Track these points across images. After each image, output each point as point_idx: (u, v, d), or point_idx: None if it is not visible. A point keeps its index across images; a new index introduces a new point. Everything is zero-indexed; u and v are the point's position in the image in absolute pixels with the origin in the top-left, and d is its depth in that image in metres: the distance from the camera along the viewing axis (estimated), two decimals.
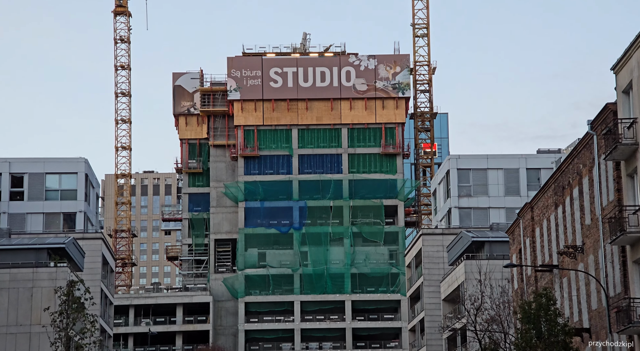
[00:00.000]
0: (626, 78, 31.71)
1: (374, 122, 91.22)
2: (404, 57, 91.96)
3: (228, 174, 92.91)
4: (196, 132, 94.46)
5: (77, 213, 69.25)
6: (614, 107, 32.61)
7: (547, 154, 74.48)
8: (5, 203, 67.15)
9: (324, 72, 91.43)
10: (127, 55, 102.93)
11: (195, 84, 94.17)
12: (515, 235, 47.16)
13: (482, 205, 75.01)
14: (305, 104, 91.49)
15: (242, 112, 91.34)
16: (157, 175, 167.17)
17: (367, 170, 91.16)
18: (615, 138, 31.31)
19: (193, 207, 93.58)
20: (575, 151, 37.22)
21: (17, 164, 68.09)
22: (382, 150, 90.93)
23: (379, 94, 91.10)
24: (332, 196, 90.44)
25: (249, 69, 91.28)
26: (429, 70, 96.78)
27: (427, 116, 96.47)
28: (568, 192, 38.30)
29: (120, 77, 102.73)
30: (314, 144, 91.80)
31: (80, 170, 68.85)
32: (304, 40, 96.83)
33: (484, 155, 75.73)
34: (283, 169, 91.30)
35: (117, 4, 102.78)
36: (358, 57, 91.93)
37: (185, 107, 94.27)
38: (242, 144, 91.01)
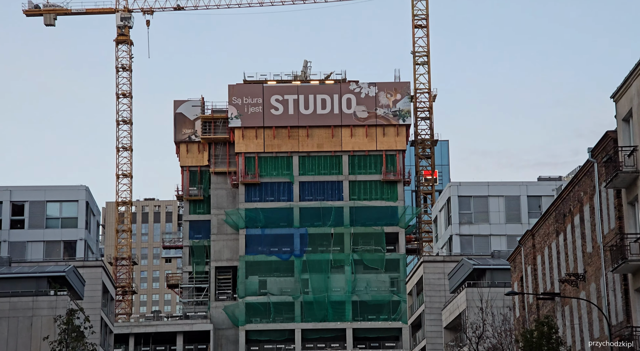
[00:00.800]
0: (626, 106, 31.80)
1: (374, 149, 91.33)
2: (405, 84, 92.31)
3: (229, 202, 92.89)
4: (197, 159, 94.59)
5: (77, 240, 69.16)
6: (614, 135, 32.68)
7: (548, 182, 74.52)
8: (6, 231, 67.12)
9: (325, 100, 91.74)
10: (128, 83, 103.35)
11: (197, 111, 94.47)
12: (516, 263, 47.03)
13: (483, 232, 74.91)
14: (306, 131, 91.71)
15: (243, 140, 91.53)
16: (157, 202, 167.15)
17: (368, 197, 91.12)
18: (616, 166, 31.35)
19: (194, 234, 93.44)
20: (576, 178, 37.24)
21: (18, 192, 68.17)
22: (383, 177, 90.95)
23: (380, 121, 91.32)
24: (333, 223, 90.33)
25: (250, 96, 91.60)
26: (429, 97, 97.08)
27: (427, 143, 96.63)
28: (569, 220, 38.25)
29: (121, 104, 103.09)
30: (314, 171, 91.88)
31: (81, 198, 68.89)
32: (304, 68, 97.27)
33: (485, 182, 75.77)
34: (284, 196, 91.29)
35: (119, 33, 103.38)
36: (359, 84, 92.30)
37: (186, 134, 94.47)
38: (243, 171, 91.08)
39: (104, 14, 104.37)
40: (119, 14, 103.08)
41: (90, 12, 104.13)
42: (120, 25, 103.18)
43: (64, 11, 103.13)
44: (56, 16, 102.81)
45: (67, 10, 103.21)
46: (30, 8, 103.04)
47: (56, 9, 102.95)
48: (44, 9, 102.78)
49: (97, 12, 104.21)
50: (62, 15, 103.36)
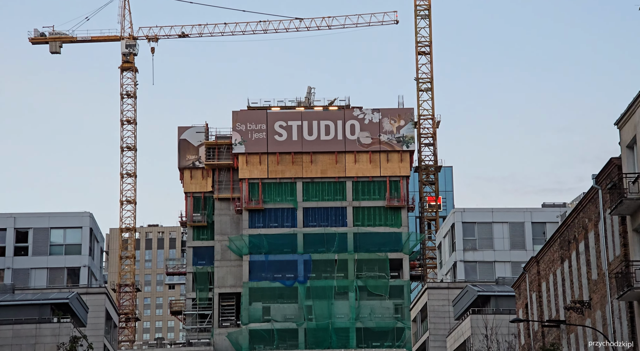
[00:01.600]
0: (630, 133, 31.82)
1: (378, 175, 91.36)
2: (408, 110, 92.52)
3: (232, 228, 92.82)
4: (201, 185, 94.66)
5: (81, 267, 69.07)
6: (619, 161, 32.67)
7: (552, 208, 74.39)
8: (10, 258, 67.07)
9: (329, 126, 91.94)
10: (133, 110, 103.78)
11: (201, 137, 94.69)
12: (521, 289, 46.82)
13: (487, 259, 74.67)
14: (309, 158, 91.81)
15: (247, 166, 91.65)
16: (161, 229, 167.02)
17: (371, 223, 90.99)
18: (621, 193, 31.30)
19: (197, 261, 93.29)
20: (580, 205, 37.18)
21: (22, 219, 68.20)
22: (387, 203, 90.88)
23: (384, 147, 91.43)
24: (336, 249, 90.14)
25: (253, 122, 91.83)
26: (433, 124, 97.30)
27: (431, 169, 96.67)
28: (574, 246, 38.14)
29: (126, 131, 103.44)
30: (318, 197, 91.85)
31: (85, 224, 68.90)
32: (308, 94, 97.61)
33: (489, 209, 75.69)
34: (287, 222, 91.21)
35: (124, 60, 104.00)
36: (362, 110, 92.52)
37: (190, 160, 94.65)
38: (247, 198, 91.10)
39: (109, 42, 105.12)
40: (124, 41, 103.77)
41: (96, 39, 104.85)
42: (125, 53, 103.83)
43: (70, 39, 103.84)
44: (62, 44, 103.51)
45: (73, 38, 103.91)
46: (36, 36, 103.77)
47: (62, 36, 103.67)
48: (49, 37, 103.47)
49: (103, 40, 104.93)
50: (68, 43, 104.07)
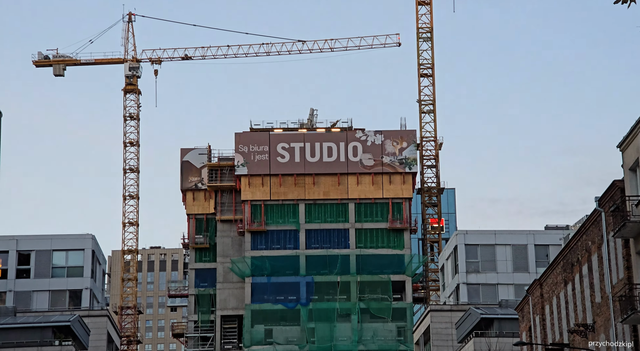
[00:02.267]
0: (632, 156, 31.83)
1: (381, 197, 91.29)
2: (411, 132, 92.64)
3: (235, 249, 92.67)
4: (203, 207, 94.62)
5: (83, 290, 68.86)
6: (622, 184, 32.66)
7: (556, 231, 74.24)
8: (12, 281, 66.86)
9: (331, 148, 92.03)
10: (136, 132, 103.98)
11: (203, 159, 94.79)
12: (524, 312, 46.63)
13: (490, 281, 74.41)
14: (312, 179, 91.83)
15: (249, 187, 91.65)
16: (163, 251, 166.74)
17: (374, 245, 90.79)
18: (624, 216, 31.27)
19: (199, 283, 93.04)
20: (583, 227, 37.11)
21: (24, 242, 68.12)
22: (390, 225, 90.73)
23: (386, 169, 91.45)
24: (339, 271, 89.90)
25: (256, 144, 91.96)
26: (435, 145, 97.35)
27: (434, 191, 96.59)
28: (577, 269, 38.03)
29: (129, 153, 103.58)
30: (321, 219, 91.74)
31: (87, 246, 68.79)
32: (311, 116, 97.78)
33: (492, 231, 75.51)
34: (290, 244, 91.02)
35: (127, 82, 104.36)
36: (365, 132, 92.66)
37: (192, 182, 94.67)
38: (249, 219, 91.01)
39: (112, 64, 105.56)
40: (127, 64, 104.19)
41: (99, 62, 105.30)
42: (129, 75, 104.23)
43: (73, 62, 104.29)
44: (65, 66, 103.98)
45: (77, 61, 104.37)
46: (40, 59, 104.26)
47: (65, 59, 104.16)
48: (53, 60, 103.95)
49: (106, 62, 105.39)
50: (71, 66, 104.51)
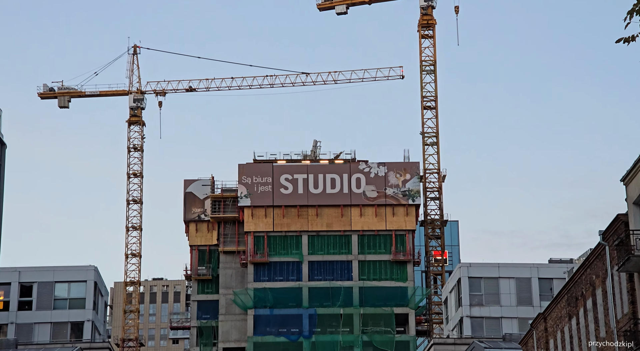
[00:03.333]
0: (636, 190, 31.79)
1: (384, 229, 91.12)
2: (414, 164, 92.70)
3: (237, 281, 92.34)
4: (206, 238, 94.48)
5: (85, 322, 68.53)
6: (625, 218, 32.57)
7: (559, 264, 74.00)
8: (14, 312, 66.59)
9: (334, 179, 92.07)
10: (140, 163, 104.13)
11: (206, 190, 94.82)
12: (528, 346, 46.29)
13: (494, 315, 73.98)
14: (315, 211, 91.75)
15: (253, 219, 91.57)
16: (166, 282, 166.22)
17: (377, 277, 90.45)
18: (628, 250, 31.15)
19: (202, 314, 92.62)
20: (587, 261, 36.97)
21: (27, 273, 67.98)
22: (393, 257, 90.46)
23: (389, 201, 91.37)
24: (342, 303, 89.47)
25: (259, 175, 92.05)
26: (438, 178, 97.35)
27: (437, 224, 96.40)
28: (581, 303, 37.81)
29: (132, 184, 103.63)
30: (324, 250, 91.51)
31: (90, 278, 68.61)
32: (314, 148, 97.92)
33: (495, 263, 75.25)
34: (293, 276, 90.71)
35: (132, 114, 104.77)
36: (368, 164, 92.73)
37: (195, 213, 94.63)
38: (252, 251, 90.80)
39: (117, 96, 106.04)
40: (131, 95, 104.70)
41: (104, 94, 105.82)
42: (133, 107, 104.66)
43: (78, 93, 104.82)
44: (70, 98, 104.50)
45: (81, 93, 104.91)
46: (45, 91, 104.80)
47: (70, 91, 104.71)
48: (58, 92, 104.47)
49: (111, 94, 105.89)
50: (76, 98, 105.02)
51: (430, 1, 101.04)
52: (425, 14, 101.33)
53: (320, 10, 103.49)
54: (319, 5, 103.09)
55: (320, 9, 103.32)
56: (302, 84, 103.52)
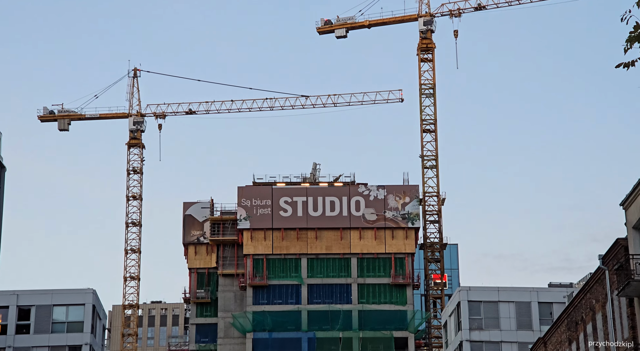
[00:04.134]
0: (636, 214, 31.77)
1: (383, 252, 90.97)
2: (413, 187, 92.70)
3: (236, 304, 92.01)
4: (205, 261, 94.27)
5: (83, 345, 68.16)
6: (625, 242, 32.53)
7: (559, 288, 73.79)
8: (11, 336, 66.23)
9: (334, 202, 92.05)
10: (139, 186, 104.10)
11: (206, 213, 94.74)
12: None
13: (494, 339, 73.61)
14: (314, 234, 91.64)
15: (252, 241, 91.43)
16: (164, 305, 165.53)
17: (376, 301, 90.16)
18: (628, 274, 31.09)
19: (200, 338, 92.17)
20: (587, 285, 36.87)
21: (25, 297, 67.74)
22: (392, 280, 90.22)
23: (389, 224, 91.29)
24: (341, 326, 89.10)
25: (259, 198, 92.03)
26: (438, 201, 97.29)
27: (437, 247, 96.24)
28: (581, 328, 37.66)
29: (131, 207, 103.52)
30: (323, 273, 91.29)
31: (88, 301, 68.36)
32: (313, 170, 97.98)
33: (495, 287, 75.00)
34: (292, 299, 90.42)
35: (131, 137, 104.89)
36: (367, 187, 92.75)
37: (195, 236, 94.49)
38: (251, 274, 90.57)
39: (117, 119, 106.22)
40: (131, 118, 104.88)
41: (104, 117, 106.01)
42: (133, 129, 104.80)
43: (78, 116, 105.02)
44: (70, 121, 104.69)
45: (81, 116, 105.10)
46: (45, 114, 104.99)
47: (70, 114, 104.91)
48: (58, 115, 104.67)
49: (111, 117, 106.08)
50: (76, 121, 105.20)
51: (430, 25, 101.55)
52: (425, 37, 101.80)
53: (320, 34, 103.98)
54: (319, 28, 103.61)
55: (320, 33, 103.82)
56: (301, 107, 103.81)
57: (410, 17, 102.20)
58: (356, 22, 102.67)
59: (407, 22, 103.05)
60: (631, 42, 13.96)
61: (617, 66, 14.29)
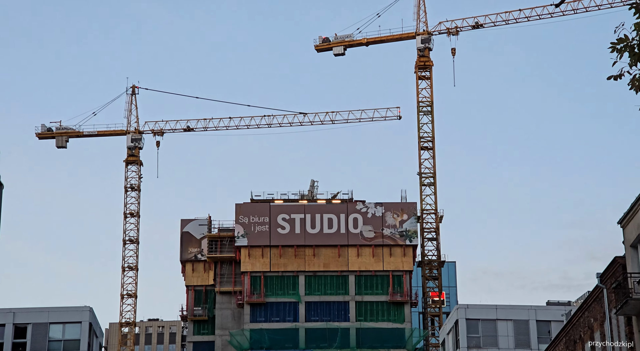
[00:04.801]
0: (633, 232, 31.76)
1: (381, 269, 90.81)
2: (411, 205, 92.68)
3: (234, 322, 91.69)
4: (202, 278, 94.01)
5: None
6: (623, 260, 32.50)
7: (557, 307, 73.62)
8: None
9: (332, 219, 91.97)
10: (136, 203, 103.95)
11: (203, 230, 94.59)
12: None
13: None
14: (312, 251, 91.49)
15: (249, 259, 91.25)
16: (161, 323, 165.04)
17: (374, 318, 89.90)
18: (626, 293, 31.03)
19: None
20: (585, 304, 36.79)
21: (21, 315, 67.41)
22: (390, 298, 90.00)
23: (387, 241, 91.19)
24: (339, 344, 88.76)
25: (256, 215, 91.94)
26: (436, 218, 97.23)
27: (434, 264, 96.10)
28: (580, 346, 37.54)
29: (129, 224, 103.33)
30: (321, 291, 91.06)
31: (85, 319, 68.02)
32: (311, 187, 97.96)
33: (493, 305, 74.78)
34: (289, 317, 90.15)
35: (129, 154, 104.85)
36: (365, 204, 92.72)
37: (192, 253, 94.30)
38: (249, 291, 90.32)
39: (115, 136, 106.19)
40: (129, 135, 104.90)
41: (102, 134, 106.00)
42: (131, 146, 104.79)
43: (76, 133, 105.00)
44: (68, 138, 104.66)
45: (79, 133, 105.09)
46: (44, 131, 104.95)
47: (68, 131, 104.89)
48: (56, 132, 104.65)
49: (109, 134, 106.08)
50: (74, 138, 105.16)
51: (427, 43, 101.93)
52: (422, 55, 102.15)
53: (318, 52, 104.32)
54: (317, 46, 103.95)
55: (317, 50, 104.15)
56: (299, 124, 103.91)
57: (407, 35, 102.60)
58: (354, 40, 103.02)
59: (404, 40, 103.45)
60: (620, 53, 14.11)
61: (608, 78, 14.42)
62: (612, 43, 14.06)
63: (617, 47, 14.08)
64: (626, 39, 13.99)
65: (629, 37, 13.98)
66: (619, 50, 14.11)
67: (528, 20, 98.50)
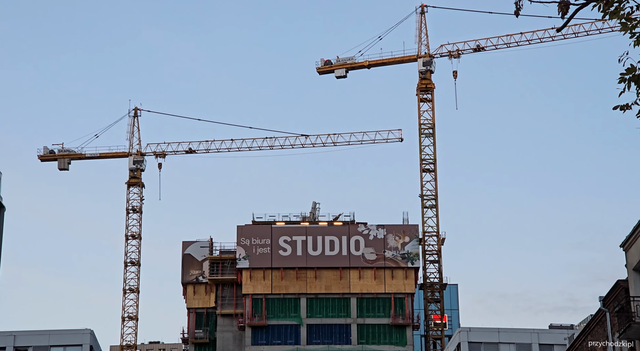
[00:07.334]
0: (636, 256, 31.67)
1: (383, 292, 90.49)
2: (413, 227, 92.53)
3: (235, 345, 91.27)
4: (204, 301, 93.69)
5: None
6: (626, 284, 32.39)
7: (560, 330, 73.31)
8: None
9: (333, 241, 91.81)
10: (138, 225, 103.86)
11: (205, 252, 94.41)
12: None
13: None
14: (314, 273, 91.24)
15: (251, 281, 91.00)
16: (162, 346, 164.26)
17: (376, 341, 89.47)
18: (629, 316, 30.89)
19: None
20: (588, 327, 36.61)
21: (22, 337, 67.21)
22: (392, 321, 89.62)
23: (388, 263, 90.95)
24: None
25: (258, 237, 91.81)
26: (438, 241, 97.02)
27: (436, 287, 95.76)
28: None
29: (130, 246, 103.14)
30: (322, 313, 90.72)
31: (85, 342, 67.80)
32: (313, 209, 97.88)
33: (496, 328, 74.46)
34: (291, 339, 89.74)
35: (131, 176, 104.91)
36: (367, 226, 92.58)
37: (193, 275, 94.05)
38: (250, 313, 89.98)
39: (117, 158, 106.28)
40: (131, 157, 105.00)
41: (104, 156, 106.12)
42: (133, 168, 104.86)
43: (78, 156, 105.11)
44: (70, 161, 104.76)
45: (82, 155, 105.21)
46: (45, 153, 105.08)
47: (70, 154, 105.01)
48: (58, 154, 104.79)
49: (111, 156, 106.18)
50: (76, 160, 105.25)
51: (429, 66, 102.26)
52: (424, 78, 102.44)
53: (320, 74, 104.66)
54: (319, 68, 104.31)
55: (319, 73, 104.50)
56: (301, 146, 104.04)
57: (409, 57, 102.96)
58: (356, 63, 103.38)
59: (406, 63, 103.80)
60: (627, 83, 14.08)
61: (614, 108, 14.37)
62: (622, 74, 14.02)
63: (626, 77, 14.05)
64: (633, 69, 13.98)
65: (636, 67, 13.95)
66: (623, 79, 14.11)
67: (529, 44, 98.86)
